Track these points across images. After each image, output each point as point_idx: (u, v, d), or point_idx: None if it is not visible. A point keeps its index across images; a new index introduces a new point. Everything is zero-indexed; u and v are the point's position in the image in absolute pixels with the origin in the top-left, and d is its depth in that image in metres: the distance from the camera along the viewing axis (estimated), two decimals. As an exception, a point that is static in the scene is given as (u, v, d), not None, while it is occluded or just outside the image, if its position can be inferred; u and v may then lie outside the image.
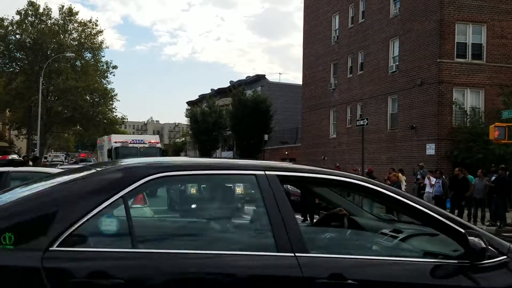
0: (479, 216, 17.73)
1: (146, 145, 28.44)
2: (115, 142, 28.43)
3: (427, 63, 26.15)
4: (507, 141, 19.00)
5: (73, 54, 45.18)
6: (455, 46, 25.56)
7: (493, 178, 17.73)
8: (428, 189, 18.80)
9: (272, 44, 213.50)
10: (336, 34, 35.43)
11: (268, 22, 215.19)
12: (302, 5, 41.14)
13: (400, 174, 19.34)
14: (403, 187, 19.26)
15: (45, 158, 58.32)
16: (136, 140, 29.57)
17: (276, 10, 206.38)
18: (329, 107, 35.97)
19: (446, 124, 25.42)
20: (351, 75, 33.47)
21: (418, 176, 22.50)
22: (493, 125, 18.72)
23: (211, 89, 70.18)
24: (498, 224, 16.98)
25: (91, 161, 59.65)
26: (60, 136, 71.94)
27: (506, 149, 22.28)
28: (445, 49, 25.37)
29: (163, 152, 30.29)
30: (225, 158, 26.18)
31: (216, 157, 35.06)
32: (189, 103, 74.86)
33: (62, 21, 48.18)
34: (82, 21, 48.71)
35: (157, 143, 29.55)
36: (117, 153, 27.71)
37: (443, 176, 18.15)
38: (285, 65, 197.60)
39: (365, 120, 25.66)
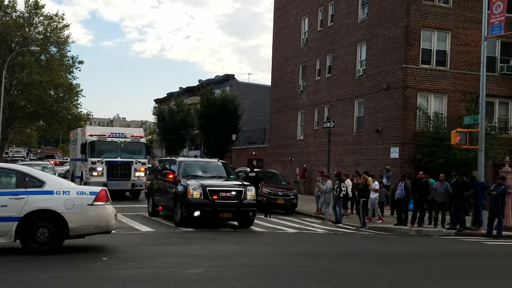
0: (439, 219, 18.12)
1: (128, 139, 24.45)
2: (90, 135, 24.12)
3: (393, 68, 26.60)
4: (468, 146, 19.54)
5: (38, 48, 44.11)
6: (420, 52, 26.07)
7: (452, 182, 18.16)
8: (372, 194, 19.05)
9: (242, 44, 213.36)
10: (305, 37, 35.69)
11: (238, 22, 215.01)
12: (273, 6, 41.28)
13: (370, 178, 19.59)
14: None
15: (6, 153, 56.81)
16: (115, 133, 24.78)
17: (246, 11, 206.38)
18: (297, 109, 36.19)
19: (410, 128, 25.91)
20: (319, 78, 33.75)
21: (384, 179, 22.83)
22: (455, 130, 19.20)
23: (180, 88, 69.74)
24: (458, 227, 17.40)
25: (58, 158, 58.34)
26: (22, 131, 70.17)
27: (467, 154, 22.87)
28: (410, 55, 25.86)
29: (148, 148, 25.83)
30: (193, 156, 23.62)
31: (184, 156, 33.87)
32: (156, 101, 74.13)
33: (27, 14, 47.00)
34: (48, 14, 47.58)
35: (141, 137, 25.51)
36: (92, 148, 23.77)
37: (406, 179, 18.47)
38: (254, 66, 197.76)
39: (332, 122, 25.93)
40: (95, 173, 23.34)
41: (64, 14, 50.26)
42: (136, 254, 10.05)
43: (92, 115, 57.85)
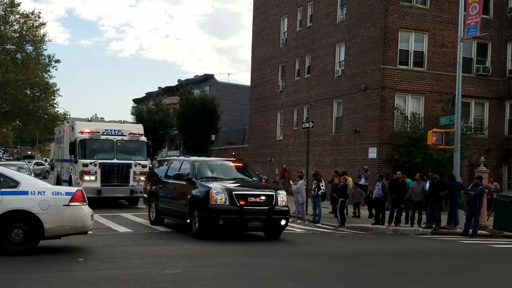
0: (416, 218, 18.31)
1: (126, 137, 21.25)
2: (81, 133, 20.76)
3: (371, 69, 26.82)
4: (444, 147, 19.79)
5: (14, 47, 43.50)
6: (398, 53, 26.34)
7: (428, 182, 18.32)
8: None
9: (222, 44, 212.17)
10: (285, 37, 35.77)
11: (217, 21, 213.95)
12: (252, 6, 41.30)
13: (349, 178, 19.67)
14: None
15: (-19, 154, 55.80)
16: (110, 130, 21.37)
17: (226, 10, 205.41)
18: (276, 109, 36.26)
19: (388, 128, 26.15)
20: (298, 78, 33.87)
21: (362, 179, 22.99)
22: (431, 130, 19.44)
23: (159, 87, 69.29)
24: (434, 226, 17.61)
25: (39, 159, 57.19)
26: (-2, 131, 69.07)
27: (443, 154, 23.18)
28: (388, 56, 26.10)
29: (149, 148, 22.10)
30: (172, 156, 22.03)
31: (162, 157, 33.06)
32: (135, 100, 73.50)
33: (3, 12, 46.31)
34: (24, 12, 46.96)
35: (141, 134, 21.95)
36: (83, 147, 20.52)
37: (383, 179, 18.64)
38: (234, 66, 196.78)
39: (311, 122, 25.94)
40: (87, 177, 20.12)
41: (40, 12, 49.62)
42: (113, 255, 9.97)
43: (69, 115, 57.04)
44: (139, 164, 20.98)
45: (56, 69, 61.88)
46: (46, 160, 62.46)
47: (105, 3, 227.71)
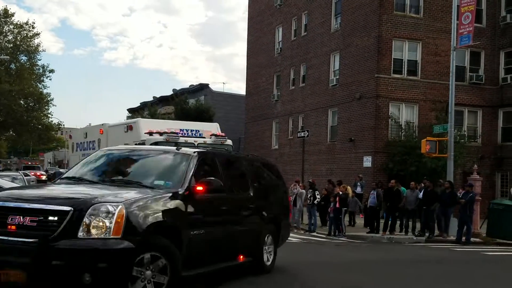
0: (410, 226, 18.30)
1: (209, 140, 16.01)
2: (150, 134, 15.37)
3: (365, 78, 26.93)
4: (437, 155, 19.85)
5: (8, 57, 43.43)
6: (392, 62, 26.49)
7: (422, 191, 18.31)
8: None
9: (216, 53, 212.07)
10: (280, 46, 35.92)
11: (212, 31, 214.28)
12: (246, 15, 41.49)
13: (348, 187, 19.64)
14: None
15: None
16: (187, 130, 16.55)
17: (220, 19, 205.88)
18: (271, 118, 36.32)
19: (383, 137, 26.21)
20: (293, 87, 33.97)
21: (359, 188, 22.96)
22: (425, 139, 19.50)
23: (153, 97, 69.22)
24: (427, 234, 17.60)
25: (39, 168, 56.59)
26: (-9, 142, 68.73)
27: (437, 163, 23.23)
28: (382, 65, 26.23)
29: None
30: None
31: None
32: (130, 110, 73.47)
33: (-4, 23, 46.29)
34: (18, 23, 46.95)
35: (224, 136, 16.76)
36: None
37: (378, 188, 18.65)
38: (229, 75, 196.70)
39: (306, 132, 26.06)
40: None
41: (34, 23, 49.15)
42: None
43: (64, 125, 56.94)
44: None
45: (50, 79, 61.71)
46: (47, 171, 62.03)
47: (99, 13, 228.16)
